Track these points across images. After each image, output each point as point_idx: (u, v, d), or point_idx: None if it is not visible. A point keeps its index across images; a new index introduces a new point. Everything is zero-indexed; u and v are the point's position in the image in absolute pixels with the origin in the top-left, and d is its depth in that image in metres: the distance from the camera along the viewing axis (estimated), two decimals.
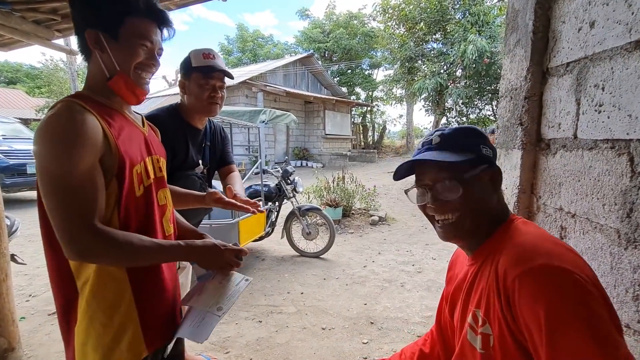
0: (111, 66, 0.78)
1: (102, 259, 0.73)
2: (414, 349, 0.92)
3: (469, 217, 0.68)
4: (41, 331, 2.25)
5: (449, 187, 0.67)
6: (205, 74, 1.40)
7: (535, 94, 1.12)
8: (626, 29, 0.76)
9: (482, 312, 0.64)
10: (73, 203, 0.68)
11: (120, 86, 0.79)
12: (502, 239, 0.66)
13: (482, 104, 9.27)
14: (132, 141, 0.81)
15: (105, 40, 0.76)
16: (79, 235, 0.68)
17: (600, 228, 0.84)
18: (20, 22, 2.05)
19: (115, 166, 0.75)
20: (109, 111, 0.78)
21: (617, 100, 0.79)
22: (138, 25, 0.78)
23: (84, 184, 0.69)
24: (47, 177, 0.68)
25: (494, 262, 0.63)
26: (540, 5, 1.08)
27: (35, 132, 0.70)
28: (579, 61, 0.92)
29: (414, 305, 2.63)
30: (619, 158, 0.79)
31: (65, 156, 0.67)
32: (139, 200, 0.81)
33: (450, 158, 0.67)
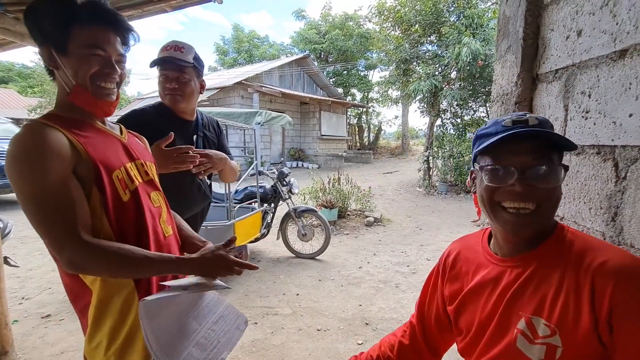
0: (68, 81, 0.77)
1: (92, 271, 0.74)
2: (392, 341, 0.92)
3: (548, 210, 0.63)
4: (34, 334, 2.23)
5: (551, 171, 0.61)
6: (160, 66, 1.37)
7: (525, 99, 1.14)
8: (611, 38, 0.78)
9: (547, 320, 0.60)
10: (52, 217, 0.69)
11: (81, 100, 0.78)
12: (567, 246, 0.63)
13: (477, 105, 9.34)
14: (107, 148, 0.81)
15: (57, 55, 0.75)
16: (65, 248, 0.69)
17: (587, 231, 0.87)
18: (14, 23, 2.03)
19: (91, 174, 0.75)
20: (77, 124, 0.78)
21: (603, 107, 0.81)
22: (85, 34, 0.75)
23: (59, 197, 0.70)
24: (22, 197, 0.70)
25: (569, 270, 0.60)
26: (530, 12, 1.10)
27: (5, 159, 0.72)
28: (567, 68, 0.95)
29: (409, 306, 2.65)
30: (604, 163, 0.81)
31: (32, 172, 0.69)
32: (128, 205, 0.81)
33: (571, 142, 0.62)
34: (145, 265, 0.75)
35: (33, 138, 0.70)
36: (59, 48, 0.74)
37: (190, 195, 1.48)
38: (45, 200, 0.69)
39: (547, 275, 0.62)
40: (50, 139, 0.70)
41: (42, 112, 15.63)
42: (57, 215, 0.69)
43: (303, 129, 14.94)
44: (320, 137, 14.53)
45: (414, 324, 0.91)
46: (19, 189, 0.70)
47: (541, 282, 0.62)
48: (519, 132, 0.61)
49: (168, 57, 1.34)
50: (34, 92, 20.20)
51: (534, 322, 0.61)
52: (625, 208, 0.74)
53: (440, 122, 9.72)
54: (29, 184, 0.69)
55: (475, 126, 9.33)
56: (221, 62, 24.21)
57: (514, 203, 0.62)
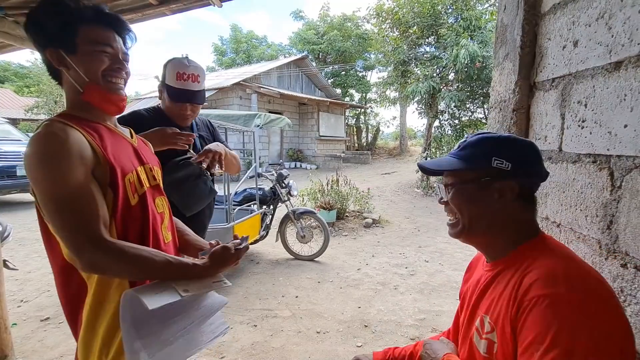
0: (80, 80, 0.78)
1: (111, 272, 0.74)
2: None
3: (467, 222, 0.71)
4: (34, 338, 2.23)
5: (445, 190, 0.73)
6: (173, 99, 1.38)
7: (523, 107, 1.16)
8: (607, 50, 0.80)
9: (490, 319, 0.66)
10: (74, 218, 0.69)
11: (95, 97, 0.80)
12: (529, 254, 0.66)
13: (474, 107, 9.40)
14: (121, 151, 0.82)
15: (66, 55, 0.76)
16: (87, 249, 0.69)
17: (583, 238, 0.89)
18: (14, 26, 2.03)
19: (107, 176, 0.76)
20: (93, 125, 0.79)
21: (599, 117, 0.83)
22: (93, 32, 0.77)
23: (81, 197, 0.71)
24: (44, 197, 0.70)
25: (517, 274, 0.63)
26: (527, 21, 1.12)
27: (24, 159, 0.72)
28: (564, 77, 0.97)
29: (407, 308, 2.66)
30: (600, 172, 0.83)
31: (56, 173, 0.69)
32: (135, 209, 0.82)
33: (444, 166, 0.73)
34: (165, 268, 0.76)
35: (57, 138, 0.70)
36: (68, 48, 0.76)
37: (199, 189, 1.51)
38: (69, 201, 0.69)
39: (503, 278, 0.68)
40: (73, 139, 0.71)
41: (39, 112, 15.61)
42: (80, 217, 0.70)
43: (301, 129, 14.94)
44: (319, 137, 14.54)
45: (451, 332, 0.94)
46: (41, 189, 0.70)
47: (497, 285, 0.68)
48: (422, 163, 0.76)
49: (187, 95, 1.38)
50: (30, 91, 20.09)
51: (484, 319, 0.68)
52: (621, 217, 0.76)
53: (439, 124, 9.76)
54: (53, 184, 0.69)
55: (473, 127, 9.37)
56: (219, 62, 24.18)
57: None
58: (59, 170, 0.69)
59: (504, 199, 0.68)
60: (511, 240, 0.70)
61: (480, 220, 0.70)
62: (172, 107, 1.44)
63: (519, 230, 0.70)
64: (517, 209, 0.69)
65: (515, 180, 0.68)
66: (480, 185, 0.69)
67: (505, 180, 0.68)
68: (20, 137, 7.03)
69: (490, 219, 0.70)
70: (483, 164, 0.68)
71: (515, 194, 0.68)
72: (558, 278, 0.56)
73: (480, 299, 0.73)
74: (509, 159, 0.67)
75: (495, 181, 0.68)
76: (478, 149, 0.70)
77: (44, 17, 0.75)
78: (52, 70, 0.79)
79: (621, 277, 0.76)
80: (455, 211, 0.72)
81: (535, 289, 0.56)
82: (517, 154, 0.68)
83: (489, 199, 0.69)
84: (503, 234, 0.70)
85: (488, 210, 0.69)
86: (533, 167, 0.69)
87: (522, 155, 0.69)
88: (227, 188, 3.19)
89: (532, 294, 0.56)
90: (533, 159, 0.70)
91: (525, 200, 0.70)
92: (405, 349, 0.96)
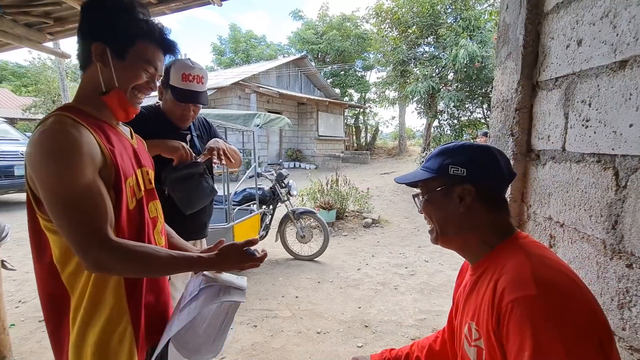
0: (110, 82, 0.78)
1: (117, 271, 0.73)
2: (424, 343, 0.96)
3: (436, 227, 0.76)
4: (32, 339, 2.21)
5: (425, 200, 0.78)
6: (178, 99, 1.39)
7: (525, 106, 1.16)
8: (611, 49, 0.80)
9: (476, 326, 0.66)
10: (82, 217, 0.68)
11: (114, 102, 0.80)
12: (503, 255, 0.67)
13: (473, 107, 9.42)
14: (124, 154, 0.81)
15: (110, 55, 0.76)
16: (93, 248, 0.68)
17: (587, 238, 0.88)
18: (12, 25, 2.02)
19: (111, 179, 0.75)
20: (99, 124, 0.78)
21: (603, 116, 0.82)
22: (148, 50, 0.79)
23: (90, 197, 0.69)
24: (51, 196, 0.68)
25: (492, 278, 0.64)
26: (530, 20, 1.12)
27: (29, 151, 0.69)
28: (567, 77, 0.96)
29: (408, 308, 2.66)
30: (604, 172, 0.82)
31: (66, 172, 0.67)
32: (132, 214, 0.81)
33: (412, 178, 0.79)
34: (170, 264, 0.76)
35: (69, 135, 0.68)
36: (117, 52, 0.76)
37: (201, 187, 1.52)
38: (78, 200, 0.68)
39: (483, 281, 0.69)
40: (84, 139, 0.70)
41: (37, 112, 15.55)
42: (89, 216, 0.68)
43: (300, 129, 14.93)
44: (318, 137, 14.54)
45: (445, 331, 0.94)
46: (48, 186, 0.68)
47: (479, 290, 0.70)
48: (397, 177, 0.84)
49: (193, 96, 1.40)
50: (28, 91, 20.00)
51: (471, 326, 0.69)
52: (626, 217, 0.75)
53: (438, 123, 9.78)
54: (62, 183, 0.67)
55: (472, 127, 9.39)
56: (218, 62, 24.14)
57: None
58: (71, 168, 0.67)
59: (465, 203, 0.71)
60: (484, 242, 0.72)
61: (449, 226, 0.74)
62: (175, 108, 1.44)
63: (489, 232, 0.72)
64: (482, 210, 0.72)
65: (473, 184, 0.71)
66: (442, 192, 0.73)
67: (462, 184, 0.71)
68: (18, 137, 6.99)
69: (458, 223, 0.73)
70: (442, 172, 0.73)
71: (473, 196, 0.71)
72: (526, 280, 0.58)
73: (465, 305, 0.75)
74: (463, 164, 0.71)
75: (454, 187, 0.72)
76: (438, 159, 0.75)
77: (112, 15, 0.76)
78: (85, 57, 0.78)
79: (626, 278, 0.76)
80: (427, 219, 0.78)
81: (508, 294, 0.58)
82: (470, 159, 0.72)
83: (453, 205, 0.73)
84: (474, 237, 0.73)
85: (454, 215, 0.73)
86: (489, 170, 0.72)
87: (476, 159, 0.72)
88: (226, 188, 3.18)
89: (506, 300, 0.58)
90: (487, 161, 0.72)
91: (488, 201, 0.72)
92: (402, 349, 0.97)
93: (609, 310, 0.80)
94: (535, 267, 0.60)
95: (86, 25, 0.77)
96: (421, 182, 0.78)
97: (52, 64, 15.10)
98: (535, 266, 0.60)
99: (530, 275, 0.58)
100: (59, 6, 1.92)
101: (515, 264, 0.62)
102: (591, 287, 0.85)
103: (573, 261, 0.93)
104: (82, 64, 0.80)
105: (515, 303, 0.56)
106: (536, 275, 0.58)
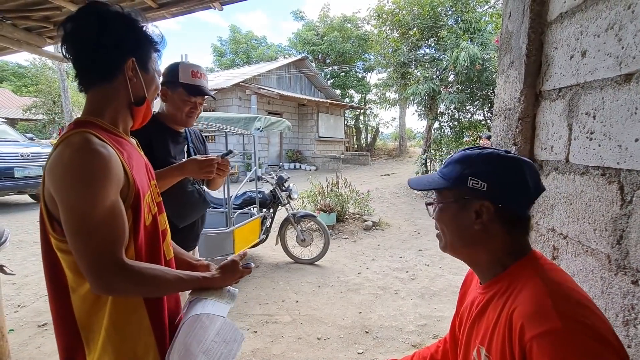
0: (139, 94, 0.82)
1: (128, 292, 0.73)
2: (425, 354, 0.93)
3: (445, 236, 0.73)
4: (31, 344, 2.20)
5: (436, 208, 0.75)
6: (191, 94, 1.47)
7: (528, 116, 1.15)
8: (616, 61, 0.79)
9: (486, 352, 0.63)
10: (99, 240, 0.67)
11: (141, 112, 0.84)
12: (517, 279, 0.63)
13: (474, 109, 9.39)
14: (140, 169, 0.81)
15: (139, 69, 0.80)
16: (106, 272, 0.67)
17: (591, 252, 0.87)
18: (11, 29, 2.02)
19: (131, 197, 0.74)
20: (118, 139, 0.78)
21: (608, 129, 0.81)
22: (155, 59, 0.86)
23: (111, 220, 0.68)
24: (72, 216, 0.66)
25: (506, 304, 0.61)
26: (533, 29, 1.11)
27: (54, 168, 0.68)
28: (571, 88, 0.95)
29: (408, 314, 2.65)
30: (609, 186, 0.81)
31: (93, 194, 0.66)
32: (148, 230, 0.80)
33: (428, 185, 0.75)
34: (178, 284, 0.79)
35: (100, 157, 0.68)
36: (142, 65, 0.81)
37: (192, 200, 1.55)
38: (98, 225, 0.67)
39: (495, 305, 0.64)
40: (112, 160, 0.70)
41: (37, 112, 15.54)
42: (107, 242, 0.67)
43: (301, 130, 14.93)
44: (318, 138, 14.53)
45: (447, 341, 0.92)
46: (69, 205, 0.67)
47: (490, 312, 0.65)
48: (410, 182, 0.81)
49: (204, 88, 1.50)
50: (28, 91, 20.03)
51: (480, 351, 0.65)
52: (631, 232, 0.74)
53: (438, 125, 9.76)
54: (84, 204, 0.66)
55: (473, 129, 9.38)
56: (218, 63, 24.15)
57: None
58: (98, 191, 0.67)
59: (481, 220, 0.66)
60: (497, 261, 0.68)
61: (460, 239, 0.70)
62: (183, 106, 1.48)
63: (504, 251, 0.67)
64: (500, 231, 0.66)
65: (492, 201, 0.64)
66: (459, 204, 0.68)
67: (481, 200, 0.65)
68: (18, 138, 6.98)
69: (470, 239, 0.68)
70: (460, 183, 0.66)
71: (491, 215, 0.65)
72: (547, 312, 0.53)
73: (474, 325, 0.70)
74: (486, 179, 0.64)
75: (472, 201, 0.66)
76: (458, 166, 0.68)
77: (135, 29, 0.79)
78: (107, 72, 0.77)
79: (632, 294, 0.75)
80: (441, 227, 0.74)
81: (530, 329, 0.53)
82: (494, 173, 0.65)
83: (468, 219, 0.67)
84: (487, 255, 0.68)
85: (468, 230, 0.67)
86: (513, 189, 0.64)
87: (500, 176, 0.65)
88: (227, 191, 3.17)
89: (529, 334, 0.53)
90: (515, 180, 0.64)
91: (508, 223, 0.66)
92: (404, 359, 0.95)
93: (613, 327, 0.79)
94: (557, 296, 0.56)
95: (111, 40, 0.75)
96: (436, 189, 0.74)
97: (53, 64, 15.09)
98: (556, 296, 0.56)
99: (552, 307, 0.54)
100: (58, 11, 1.92)
101: (532, 294, 0.58)
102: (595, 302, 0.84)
103: (577, 274, 0.92)
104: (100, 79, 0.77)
105: (539, 339, 0.52)
106: (558, 305, 0.54)
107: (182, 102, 1.48)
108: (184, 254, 1.04)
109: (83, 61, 0.76)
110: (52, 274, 0.74)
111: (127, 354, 0.75)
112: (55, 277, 0.74)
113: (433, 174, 0.76)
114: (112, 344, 0.73)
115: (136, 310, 0.77)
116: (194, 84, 1.47)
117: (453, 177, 0.68)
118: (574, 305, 0.56)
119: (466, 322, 0.76)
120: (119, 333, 0.74)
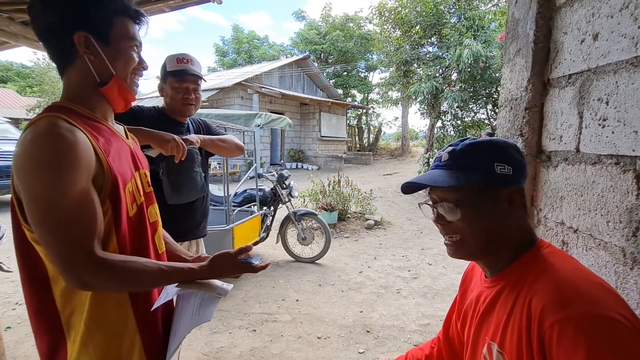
0: (105, 71, 0.72)
1: (104, 288, 0.68)
2: (419, 355, 0.90)
3: (473, 240, 0.64)
4: (27, 342, 2.17)
5: (447, 209, 0.64)
6: (179, 78, 1.49)
7: (536, 105, 1.10)
8: (632, 42, 0.74)
9: (498, 347, 0.60)
10: (69, 232, 0.62)
11: (114, 92, 0.74)
12: (530, 268, 0.60)
13: (477, 107, 9.32)
14: (121, 157, 0.75)
15: (97, 43, 0.70)
16: (78, 266, 0.62)
17: (604, 245, 0.82)
18: (7, 23, 1.99)
19: (107, 187, 0.68)
20: (94, 125, 0.72)
21: (622, 115, 0.77)
22: (125, 26, 0.73)
23: (80, 210, 0.63)
24: (37, 205, 0.61)
25: (521, 294, 0.58)
26: (541, 15, 1.06)
27: (17, 155, 0.62)
28: (582, 73, 0.90)
29: (410, 313, 2.60)
30: (624, 175, 0.77)
31: (58, 182, 0.60)
32: (132, 220, 0.75)
33: (446, 181, 0.63)
34: (159, 277, 0.72)
35: (64, 141, 0.61)
36: (100, 37, 0.70)
37: (194, 179, 1.57)
38: (67, 216, 0.61)
39: (506, 299, 0.61)
40: (80, 145, 0.63)
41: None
42: (75, 231, 0.62)
43: (303, 130, 14.90)
44: (320, 138, 14.49)
45: (441, 339, 0.89)
46: (34, 195, 0.61)
47: (501, 306, 0.62)
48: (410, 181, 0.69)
49: (188, 69, 1.50)
50: (32, 91, 20.12)
51: (491, 347, 0.61)
52: None
53: (441, 124, 9.70)
54: (50, 193, 0.61)
55: (476, 128, 9.31)
56: (220, 62, 24.18)
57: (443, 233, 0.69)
58: (63, 179, 0.61)
59: (513, 207, 0.63)
60: (512, 251, 0.65)
61: (493, 236, 0.63)
62: (176, 94, 1.50)
63: (520, 240, 0.65)
64: (520, 215, 0.65)
65: (518, 184, 0.64)
66: (489, 196, 0.62)
67: (511, 186, 0.63)
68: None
69: (497, 234, 0.63)
70: (485, 172, 0.62)
71: (521, 199, 0.64)
72: (570, 297, 0.51)
73: (483, 321, 0.66)
74: (510, 163, 0.63)
75: (503, 189, 0.62)
76: (476, 157, 0.63)
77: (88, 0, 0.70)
78: (65, 53, 0.71)
79: None
80: (456, 230, 0.65)
81: (550, 315, 0.50)
82: (513, 157, 0.64)
83: (499, 210, 0.62)
84: (509, 246, 0.65)
85: (501, 222, 0.63)
86: (524, 168, 0.65)
87: (517, 158, 0.65)
88: (226, 189, 3.14)
89: (550, 320, 0.50)
90: (522, 159, 0.66)
91: (524, 206, 0.65)
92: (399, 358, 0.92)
93: None
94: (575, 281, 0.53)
95: (54, 18, 0.68)
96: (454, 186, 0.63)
97: None
98: (575, 281, 0.54)
99: (573, 292, 0.51)
100: None
101: (551, 280, 0.55)
102: None
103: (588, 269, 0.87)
104: (63, 61, 0.72)
105: (561, 324, 0.49)
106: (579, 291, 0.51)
107: (174, 90, 1.50)
108: (178, 250, 0.99)
109: (45, 46, 0.71)
110: (28, 266, 0.69)
111: (108, 353, 0.71)
112: (33, 269, 0.69)
113: (435, 171, 0.67)
114: (93, 341, 0.69)
115: (120, 306, 0.72)
116: (180, 69, 1.49)
117: (476, 168, 0.62)
118: (594, 288, 0.53)
119: (472, 319, 0.72)
120: (100, 329, 0.69)
